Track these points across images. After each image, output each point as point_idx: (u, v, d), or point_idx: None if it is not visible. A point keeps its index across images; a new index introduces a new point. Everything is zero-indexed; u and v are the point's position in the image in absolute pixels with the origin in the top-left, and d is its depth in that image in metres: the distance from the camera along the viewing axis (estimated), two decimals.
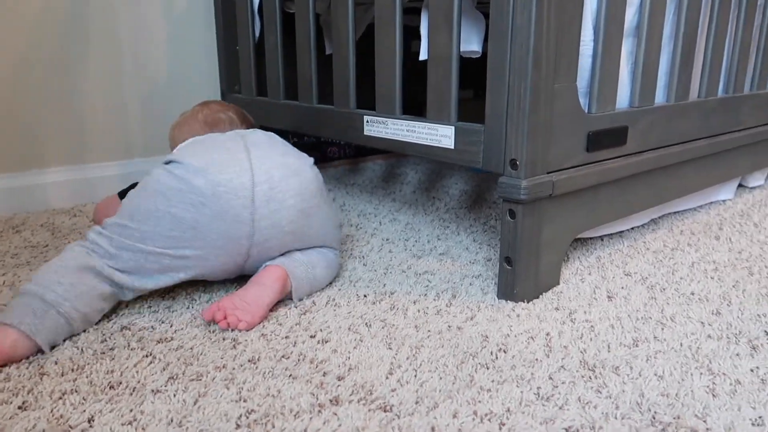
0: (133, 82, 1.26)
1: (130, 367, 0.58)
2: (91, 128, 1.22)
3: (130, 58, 1.24)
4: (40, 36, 1.14)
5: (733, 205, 1.16)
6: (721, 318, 0.69)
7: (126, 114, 1.26)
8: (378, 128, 0.90)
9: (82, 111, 1.21)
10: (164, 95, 1.30)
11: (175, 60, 1.30)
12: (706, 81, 1.00)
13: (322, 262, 0.77)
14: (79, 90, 1.20)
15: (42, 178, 1.17)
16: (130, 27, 1.23)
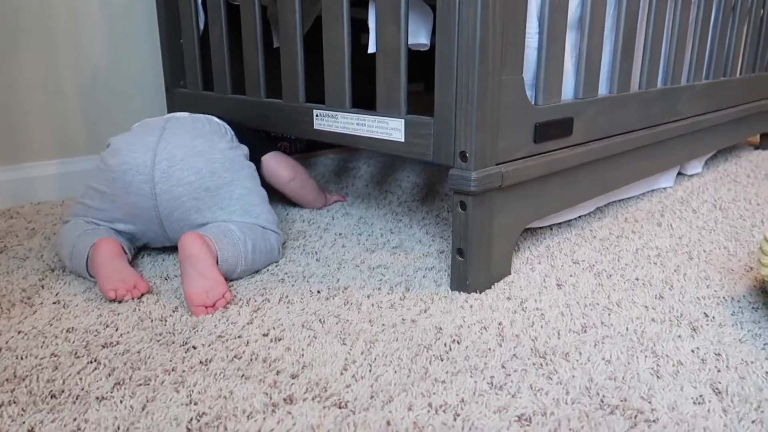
0: (72, 76, 1.20)
1: (73, 374, 0.56)
2: (26, 125, 1.16)
3: (67, 51, 1.19)
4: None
5: (673, 193, 1.20)
6: (664, 302, 0.72)
7: (65, 109, 1.21)
8: (328, 122, 0.89)
9: (16, 107, 1.15)
10: (106, 89, 1.25)
11: (116, 53, 1.25)
12: (646, 72, 1.03)
13: (253, 233, 0.80)
14: (12, 85, 1.14)
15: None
16: (66, 18, 1.18)
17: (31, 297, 0.73)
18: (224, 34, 1.07)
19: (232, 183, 0.81)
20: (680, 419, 0.50)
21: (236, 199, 0.82)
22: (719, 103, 1.30)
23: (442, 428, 0.48)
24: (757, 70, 1.51)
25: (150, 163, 0.78)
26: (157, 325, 0.66)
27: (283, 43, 0.94)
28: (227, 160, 0.82)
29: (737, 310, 0.69)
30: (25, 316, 0.68)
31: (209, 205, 0.80)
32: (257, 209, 0.83)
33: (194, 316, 0.67)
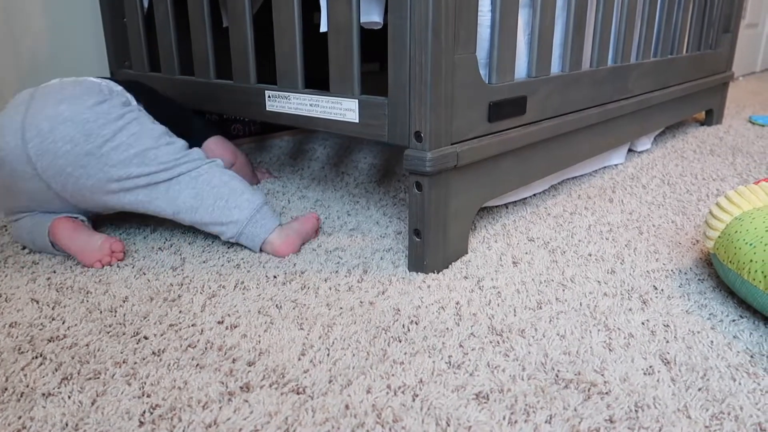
0: (8, 61, 1.14)
1: (17, 370, 0.53)
2: None
3: (2, 30, 1.12)
4: None
5: (624, 169, 1.23)
6: (616, 276, 0.74)
7: (3, 101, 1.14)
8: (281, 103, 0.87)
9: None
10: (46, 73, 1.19)
11: (55, 34, 1.19)
12: (597, 51, 1.04)
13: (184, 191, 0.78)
14: None
15: None
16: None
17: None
18: (170, 13, 1.03)
19: (114, 137, 0.75)
20: (631, 390, 0.51)
21: (125, 150, 0.75)
22: (667, 81, 1.33)
23: (401, 409, 0.48)
24: (702, 49, 1.55)
25: (21, 143, 0.72)
26: (106, 316, 0.63)
27: (232, 22, 0.91)
28: (100, 115, 0.75)
29: (684, 282, 0.72)
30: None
31: (99, 167, 0.74)
32: (152, 153, 0.76)
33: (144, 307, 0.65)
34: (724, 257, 0.65)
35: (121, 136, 0.75)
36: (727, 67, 1.71)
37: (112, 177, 0.75)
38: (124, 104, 0.79)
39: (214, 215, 0.78)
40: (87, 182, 0.75)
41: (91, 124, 0.74)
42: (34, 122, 0.73)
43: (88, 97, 0.76)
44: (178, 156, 0.78)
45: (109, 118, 0.75)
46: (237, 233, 0.78)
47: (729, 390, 0.51)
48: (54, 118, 0.73)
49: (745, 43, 2.92)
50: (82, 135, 0.73)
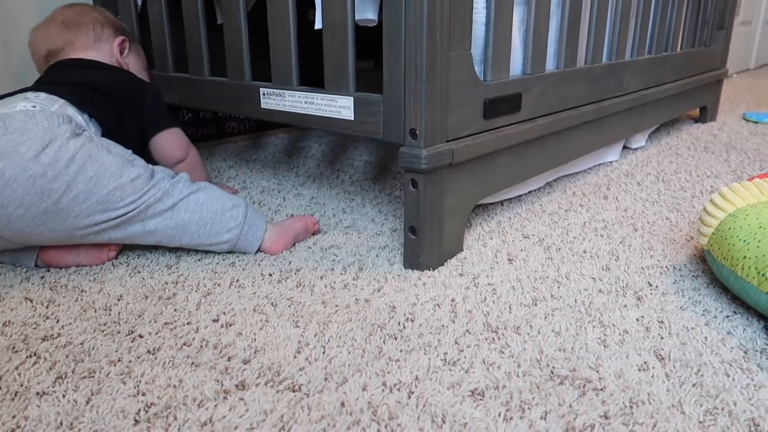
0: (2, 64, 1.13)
1: (10, 369, 0.53)
2: None
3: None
4: None
5: (619, 166, 1.24)
6: (610, 273, 0.74)
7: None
8: (275, 101, 0.86)
9: None
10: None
11: None
12: (592, 48, 1.05)
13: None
14: None
15: None
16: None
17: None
18: (164, 10, 1.02)
19: (70, 188, 0.66)
20: (626, 386, 0.51)
21: (85, 200, 0.67)
22: (661, 78, 1.33)
23: (397, 406, 0.48)
24: (697, 46, 1.56)
25: None
26: (101, 314, 0.63)
27: (226, 18, 0.91)
28: (47, 167, 0.65)
29: (679, 278, 0.72)
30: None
31: (62, 220, 0.67)
32: (116, 194, 0.69)
33: (139, 305, 0.65)
34: (718, 254, 0.66)
35: (77, 184, 0.66)
36: (721, 64, 1.71)
37: (78, 226, 0.68)
38: (72, 135, 0.69)
39: (201, 240, 0.75)
40: (51, 235, 0.69)
41: (40, 180, 0.64)
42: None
43: (29, 144, 0.65)
44: (145, 188, 0.70)
45: (59, 167, 0.65)
46: (229, 248, 0.77)
47: (723, 385, 0.51)
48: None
49: (739, 40, 2.93)
50: (33, 195, 0.64)
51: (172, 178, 0.75)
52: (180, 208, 0.73)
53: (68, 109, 0.76)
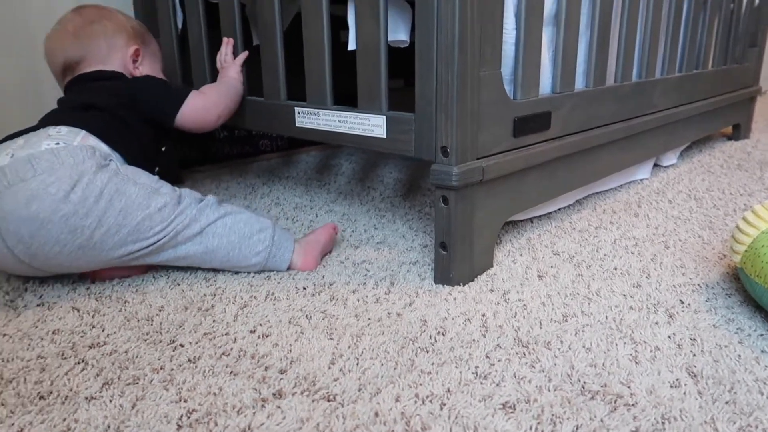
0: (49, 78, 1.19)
1: (60, 375, 0.56)
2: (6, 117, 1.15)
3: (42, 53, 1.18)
4: None
5: (649, 184, 1.23)
6: (642, 290, 0.74)
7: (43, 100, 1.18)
8: (310, 120, 0.89)
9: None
10: None
11: None
12: (621, 66, 1.05)
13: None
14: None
15: None
16: (43, 17, 1.16)
17: (14, 300, 0.72)
18: (203, 32, 1.07)
19: (101, 223, 0.69)
20: (658, 402, 0.51)
21: (116, 233, 0.70)
22: (692, 96, 1.33)
23: (429, 417, 0.50)
24: (728, 63, 1.55)
25: (6, 250, 0.68)
26: (143, 324, 0.66)
27: (262, 41, 0.94)
28: (78, 206, 0.67)
29: (711, 296, 0.72)
30: (9, 319, 0.67)
31: (96, 253, 0.70)
32: (146, 224, 0.71)
33: (179, 316, 0.68)
34: (751, 271, 0.65)
35: (107, 219, 0.69)
36: (754, 82, 1.70)
37: (113, 257, 0.71)
38: (98, 169, 0.70)
39: (231, 264, 0.77)
40: (90, 265, 0.73)
41: (72, 218, 0.67)
42: (10, 228, 0.66)
43: (58, 185, 0.67)
44: (172, 216, 0.73)
45: (88, 204, 0.68)
46: (259, 269, 0.79)
47: (756, 403, 0.51)
48: (31, 222, 0.66)
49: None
50: (67, 234, 0.67)
51: (200, 202, 0.76)
52: (208, 234, 0.75)
53: (90, 139, 0.76)
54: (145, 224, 0.71)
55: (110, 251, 0.71)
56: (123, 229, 0.70)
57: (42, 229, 0.66)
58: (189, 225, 0.74)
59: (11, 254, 0.68)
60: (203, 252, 0.75)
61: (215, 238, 0.75)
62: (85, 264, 0.72)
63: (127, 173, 0.74)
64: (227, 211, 0.77)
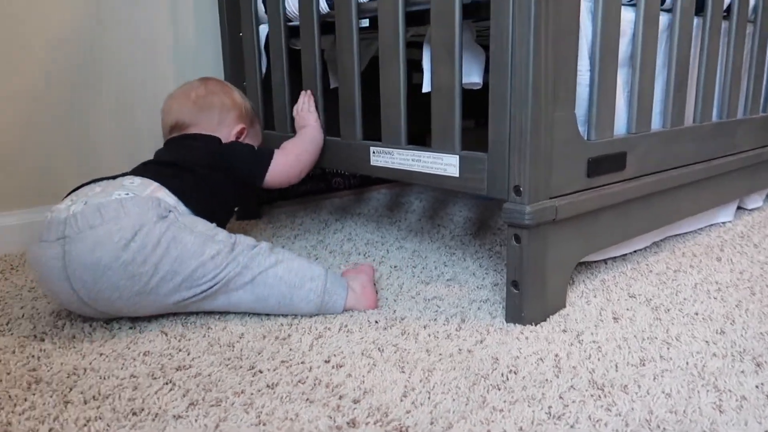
0: (146, 121, 1.29)
1: (151, 394, 0.60)
2: (102, 167, 1.25)
3: (142, 97, 1.28)
4: (53, 77, 1.18)
5: (733, 227, 1.18)
6: (726, 337, 0.71)
7: (138, 151, 1.29)
8: (384, 159, 0.92)
9: (95, 148, 1.24)
10: None
11: None
12: (701, 107, 1.03)
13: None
14: (92, 128, 1.23)
15: None
16: (142, 65, 1.27)
17: (110, 323, 0.78)
18: (285, 77, 1.13)
19: (157, 269, 0.72)
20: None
21: (171, 280, 0.73)
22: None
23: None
24: None
25: (70, 290, 0.72)
26: (225, 350, 0.69)
27: (341, 83, 0.99)
28: (137, 253, 0.71)
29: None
30: (105, 340, 0.73)
31: (152, 299, 0.73)
32: (199, 271, 0.74)
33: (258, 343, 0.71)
34: None
35: (163, 266, 0.72)
36: None
37: (168, 303, 0.75)
38: (158, 219, 0.74)
39: (282, 312, 0.78)
40: (148, 310, 0.76)
41: (131, 266, 0.71)
42: (75, 273, 0.71)
43: (121, 233, 0.71)
44: (224, 263, 0.75)
45: (146, 251, 0.71)
46: (316, 313, 0.79)
47: None
48: (94, 269, 0.70)
49: None
50: (126, 280, 0.71)
51: (252, 248, 0.78)
52: (259, 283, 0.76)
53: (160, 192, 0.80)
54: (198, 272, 0.74)
55: (165, 297, 0.74)
56: (177, 276, 0.73)
57: (104, 275, 0.70)
58: (241, 273, 0.76)
59: (77, 296, 0.72)
60: (254, 300, 0.77)
61: (266, 288, 0.76)
62: (143, 309, 0.75)
63: (185, 222, 0.77)
64: (279, 259, 0.78)
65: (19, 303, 0.86)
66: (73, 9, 1.18)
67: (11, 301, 0.86)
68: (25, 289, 0.92)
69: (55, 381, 0.63)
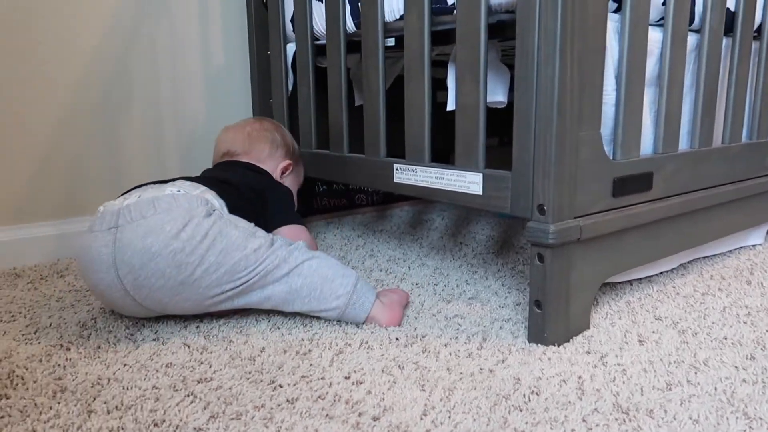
0: (173, 133, 1.32)
1: (172, 405, 0.60)
2: (131, 177, 1.28)
3: (170, 110, 1.31)
4: (85, 89, 1.21)
5: (763, 250, 1.15)
6: (756, 362, 0.69)
7: (165, 163, 1.32)
8: (407, 176, 0.93)
9: (124, 160, 1.27)
10: (201, 145, 1.36)
11: (212, 112, 1.37)
12: (730, 127, 1.02)
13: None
14: (122, 140, 1.26)
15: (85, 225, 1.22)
16: (172, 81, 1.30)
17: (134, 334, 0.79)
18: (311, 94, 1.15)
19: (203, 261, 0.75)
20: None
21: (215, 272, 0.76)
22: None
23: None
24: None
25: (117, 280, 0.75)
26: (246, 363, 0.70)
27: (366, 101, 1.00)
28: (186, 243, 0.74)
29: None
30: (129, 351, 0.74)
31: (194, 290, 0.76)
32: (241, 264, 0.77)
33: (279, 358, 0.71)
34: None
35: (209, 257, 0.75)
36: None
37: (207, 295, 0.77)
38: (206, 215, 0.78)
39: (311, 305, 0.79)
40: (184, 305, 0.78)
41: (180, 254, 0.74)
42: (124, 258, 0.74)
43: (172, 224, 0.75)
44: (264, 256, 0.78)
45: (194, 242, 0.75)
46: (338, 316, 0.80)
47: None
48: (143, 254, 0.73)
49: None
50: (173, 268, 0.74)
51: (290, 245, 0.81)
52: (294, 274, 0.79)
53: (207, 194, 0.85)
54: (241, 264, 0.77)
55: (207, 289, 0.76)
56: (221, 267, 0.76)
57: (151, 261, 0.74)
58: (279, 265, 0.79)
59: (120, 285, 0.75)
60: (287, 292, 0.79)
61: (300, 277, 0.79)
62: (181, 302, 0.77)
63: (230, 219, 0.81)
64: (315, 255, 0.82)
65: (47, 312, 0.87)
66: (105, 26, 1.22)
67: (39, 311, 0.88)
68: (53, 299, 0.94)
69: (79, 390, 0.63)
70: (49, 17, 1.15)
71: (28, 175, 1.17)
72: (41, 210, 1.19)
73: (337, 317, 0.81)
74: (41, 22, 1.15)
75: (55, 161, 1.19)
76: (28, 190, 1.17)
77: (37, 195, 1.18)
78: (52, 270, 1.10)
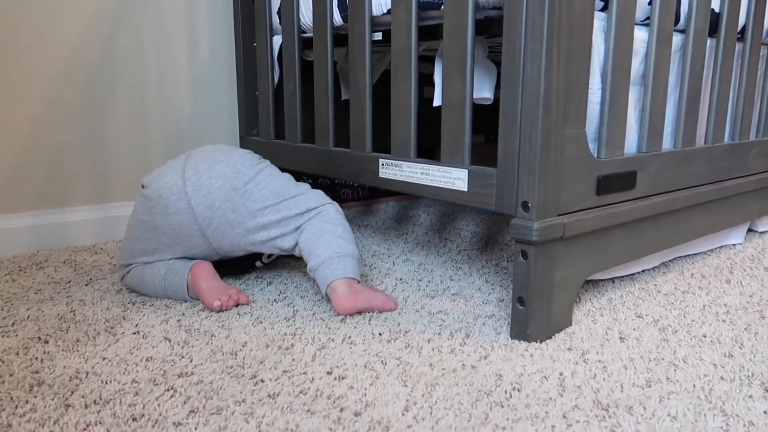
0: (158, 125, 1.31)
1: (152, 400, 0.59)
2: (115, 168, 1.26)
3: (156, 101, 1.30)
4: (69, 77, 1.19)
5: (743, 250, 1.17)
6: (734, 360, 0.70)
7: (149, 155, 1.30)
8: (393, 171, 0.93)
9: (107, 151, 1.25)
10: (186, 137, 1.34)
11: (197, 104, 1.35)
12: (712, 128, 1.03)
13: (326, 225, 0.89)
14: (105, 131, 1.24)
15: (65, 216, 1.21)
16: (157, 71, 1.29)
17: (114, 327, 0.78)
18: (297, 88, 1.14)
19: (255, 176, 0.90)
20: None
21: (263, 187, 0.89)
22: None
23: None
24: None
25: (180, 181, 0.86)
26: (228, 358, 0.69)
27: (353, 95, 0.99)
28: (246, 159, 0.92)
29: None
30: (109, 344, 0.73)
31: (242, 201, 0.88)
32: (285, 189, 0.91)
33: (261, 352, 0.70)
34: None
35: (261, 176, 0.90)
36: None
37: (252, 209, 0.88)
38: (263, 161, 0.95)
39: (309, 244, 0.87)
40: (230, 214, 0.87)
41: (239, 164, 0.90)
42: (193, 164, 0.88)
43: (235, 152, 0.93)
44: (306, 198, 0.91)
45: (252, 162, 0.92)
46: (315, 267, 0.85)
47: None
48: (210, 160, 0.89)
49: None
50: (232, 172, 0.88)
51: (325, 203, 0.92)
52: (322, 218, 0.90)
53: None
54: (285, 189, 0.91)
55: (253, 203, 0.88)
56: (268, 187, 0.90)
57: (217, 164, 0.88)
58: (316, 215, 0.90)
59: (182, 186, 0.85)
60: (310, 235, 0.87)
61: (321, 222, 0.89)
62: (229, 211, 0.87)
63: (276, 169, 0.96)
64: (343, 220, 0.92)
65: (25, 305, 0.86)
66: (90, 14, 1.20)
67: (17, 303, 0.87)
68: (31, 290, 0.92)
69: (57, 384, 0.63)
70: (32, 1, 1.13)
71: (7, 165, 1.15)
72: (21, 201, 1.17)
73: (313, 268, 0.85)
74: (23, 7, 1.12)
75: (35, 151, 1.17)
76: (7, 181, 1.15)
77: (17, 185, 1.16)
78: (31, 261, 1.08)
